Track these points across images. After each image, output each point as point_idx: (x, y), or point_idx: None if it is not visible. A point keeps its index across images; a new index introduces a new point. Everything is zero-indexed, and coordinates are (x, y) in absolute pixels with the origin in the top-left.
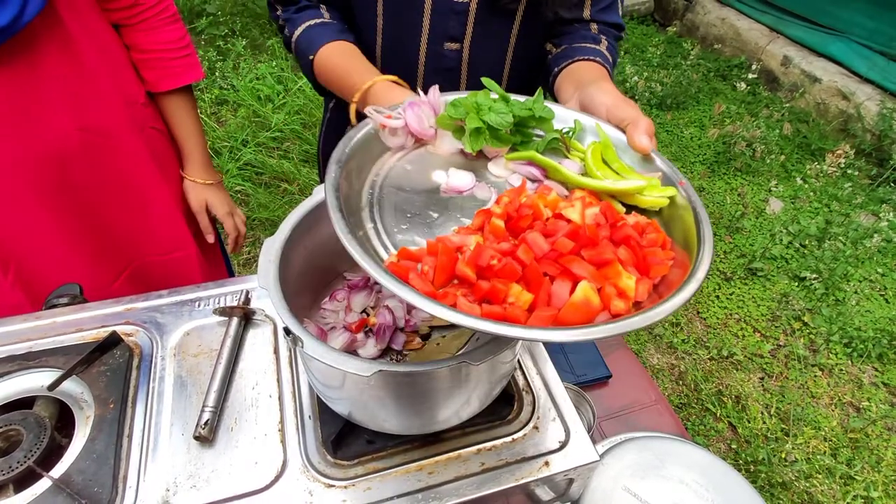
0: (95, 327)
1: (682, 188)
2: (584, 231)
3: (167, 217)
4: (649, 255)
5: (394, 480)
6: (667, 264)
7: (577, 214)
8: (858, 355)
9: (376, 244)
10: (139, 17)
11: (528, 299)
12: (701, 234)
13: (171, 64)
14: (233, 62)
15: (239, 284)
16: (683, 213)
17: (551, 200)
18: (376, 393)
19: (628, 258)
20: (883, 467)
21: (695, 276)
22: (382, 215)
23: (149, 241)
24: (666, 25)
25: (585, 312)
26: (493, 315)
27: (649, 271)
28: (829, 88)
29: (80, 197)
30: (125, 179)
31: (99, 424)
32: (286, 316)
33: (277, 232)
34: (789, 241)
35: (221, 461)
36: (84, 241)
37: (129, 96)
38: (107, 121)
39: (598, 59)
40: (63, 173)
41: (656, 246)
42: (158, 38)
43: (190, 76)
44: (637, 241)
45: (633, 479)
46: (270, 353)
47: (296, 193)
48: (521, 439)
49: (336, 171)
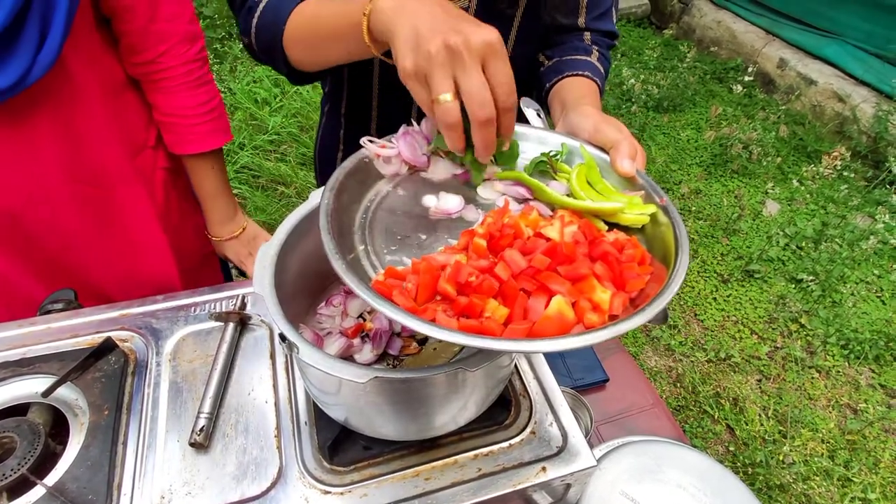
0: (90, 333)
1: (662, 205)
2: (562, 248)
3: (158, 263)
4: (626, 270)
5: (390, 487)
6: (643, 278)
7: (556, 232)
8: (855, 357)
9: (366, 265)
10: (159, 74)
11: (504, 313)
12: (678, 248)
13: (191, 130)
14: (230, 65)
15: (235, 289)
16: (665, 230)
17: (532, 220)
18: (372, 399)
19: (605, 273)
20: (880, 469)
21: (668, 288)
22: (373, 238)
23: (142, 286)
24: (662, 28)
25: (559, 325)
26: (470, 328)
27: (625, 285)
28: (825, 91)
29: (70, 242)
30: (120, 228)
31: (93, 431)
32: (281, 322)
33: (273, 237)
34: (786, 244)
35: (217, 468)
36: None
37: (138, 145)
38: (103, 172)
39: (588, 74)
40: (53, 217)
41: (634, 261)
42: (178, 102)
43: (211, 143)
44: (615, 256)
45: (631, 484)
46: (266, 359)
47: (293, 196)
48: (519, 444)
49: (329, 198)
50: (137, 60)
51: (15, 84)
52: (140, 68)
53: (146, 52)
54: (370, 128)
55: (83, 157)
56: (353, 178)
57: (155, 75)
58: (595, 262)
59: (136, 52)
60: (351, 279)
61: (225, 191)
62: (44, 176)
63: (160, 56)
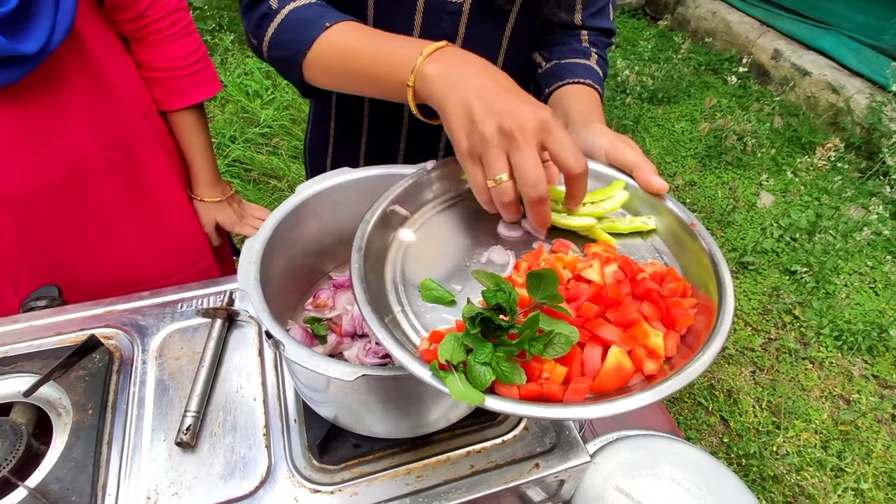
0: (74, 330)
1: (694, 229)
2: (607, 292)
3: (190, 230)
4: (672, 308)
5: (381, 485)
6: (691, 315)
7: (597, 274)
8: (848, 348)
9: (406, 328)
10: (145, 29)
11: (563, 372)
12: (721, 280)
13: (180, 82)
14: (220, 57)
15: (222, 285)
16: (699, 254)
17: (570, 261)
18: (361, 397)
19: (652, 314)
20: (873, 459)
21: (720, 328)
22: (409, 297)
23: (173, 258)
24: (657, 19)
25: (619, 377)
26: (531, 393)
27: (675, 324)
28: (819, 82)
29: (102, 217)
30: (150, 196)
31: (77, 431)
32: (267, 319)
33: (258, 232)
34: (780, 235)
35: (204, 467)
36: (104, 261)
37: (145, 106)
38: (127, 136)
39: (589, 82)
40: (85, 195)
41: (677, 296)
42: (166, 54)
43: (201, 93)
44: (658, 293)
45: (626, 479)
46: (255, 356)
47: (285, 190)
48: (511, 441)
49: (360, 261)
50: (125, 17)
51: (42, 49)
52: (128, 25)
53: (132, 7)
54: (361, 120)
55: (109, 123)
56: (377, 231)
57: (143, 30)
58: (641, 302)
59: (122, 10)
60: (402, 355)
61: (211, 148)
62: (79, 146)
63: (147, 9)
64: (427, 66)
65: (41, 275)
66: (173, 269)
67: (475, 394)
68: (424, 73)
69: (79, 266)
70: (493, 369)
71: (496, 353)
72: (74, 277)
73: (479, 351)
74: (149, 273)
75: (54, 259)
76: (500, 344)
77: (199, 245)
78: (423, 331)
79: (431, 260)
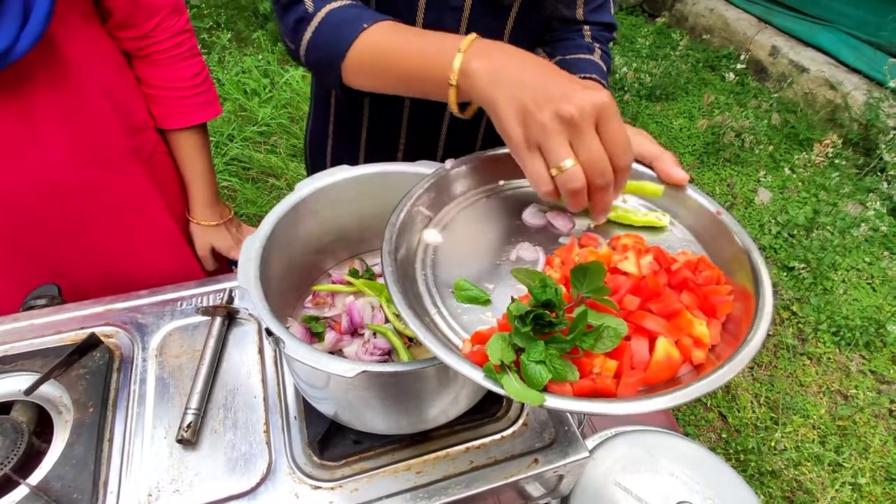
0: (74, 329)
1: (720, 217)
2: (647, 283)
3: (175, 250)
4: (711, 295)
5: (381, 481)
6: (730, 302)
7: (634, 266)
8: (846, 344)
9: (445, 330)
10: (149, 49)
11: (613, 366)
12: (755, 267)
13: (181, 102)
14: (218, 55)
15: (222, 283)
16: (727, 242)
17: (604, 254)
18: (361, 394)
19: (692, 302)
20: (870, 454)
21: (762, 312)
22: (443, 298)
23: (161, 277)
24: (655, 16)
25: (669, 368)
26: (584, 389)
27: (716, 312)
28: (817, 78)
29: (81, 233)
30: (128, 214)
31: (78, 429)
32: (267, 316)
33: (258, 229)
34: (778, 232)
35: (205, 464)
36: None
37: (134, 125)
38: (106, 153)
39: (595, 76)
40: (58, 209)
41: (713, 283)
42: (169, 74)
43: (201, 116)
44: (695, 282)
45: (624, 474)
46: (255, 353)
47: (284, 188)
48: (510, 436)
49: (392, 264)
50: (130, 35)
51: (4, 52)
52: (133, 43)
53: (138, 26)
54: (362, 116)
55: (86, 138)
56: (403, 234)
57: (147, 49)
58: (679, 292)
59: (127, 28)
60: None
61: (211, 170)
62: (49, 161)
63: (152, 30)
64: (470, 64)
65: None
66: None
67: (534, 393)
68: (468, 70)
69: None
70: (547, 367)
71: (548, 350)
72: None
73: (531, 350)
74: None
75: (43, 266)
76: (550, 341)
77: (186, 266)
78: (463, 332)
79: (460, 260)
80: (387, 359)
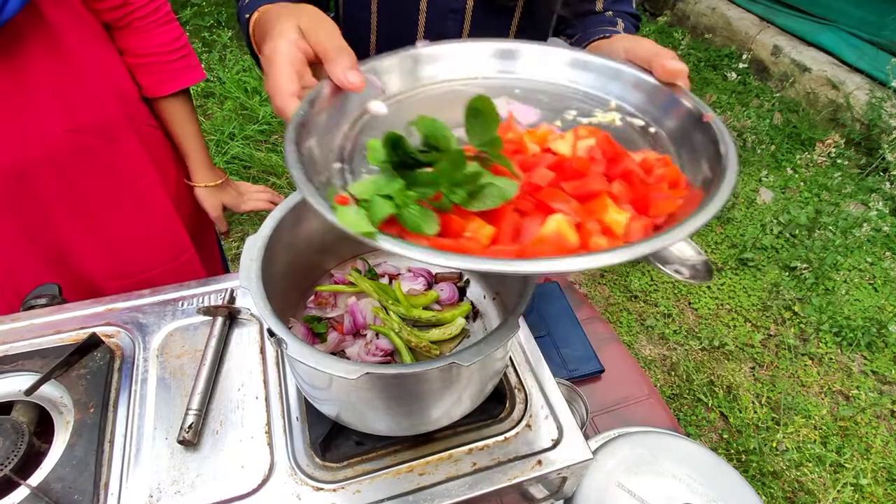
0: (75, 329)
1: (710, 122)
2: (571, 163)
3: (168, 223)
4: (652, 191)
5: (384, 482)
6: (674, 201)
7: (568, 147)
8: (848, 344)
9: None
10: (129, 17)
11: (489, 233)
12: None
13: (167, 67)
14: (219, 54)
15: (223, 283)
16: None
17: (540, 135)
18: (364, 395)
19: (624, 194)
20: (872, 454)
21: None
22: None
23: (152, 251)
24: (656, 15)
25: (557, 249)
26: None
27: (649, 209)
28: (819, 78)
29: (80, 204)
30: (124, 184)
31: (79, 429)
32: (269, 317)
33: (260, 229)
34: (780, 231)
35: (206, 465)
36: (80, 248)
37: (123, 94)
38: (101, 120)
39: (620, 32)
40: (56, 179)
41: (664, 182)
42: (152, 41)
43: (188, 78)
44: (640, 177)
45: (627, 475)
46: (256, 353)
47: (284, 187)
48: (514, 438)
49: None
50: (108, 6)
51: None
52: (112, 13)
53: None
54: None
55: (79, 104)
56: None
57: (127, 17)
58: (613, 181)
59: None
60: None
61: (202, 135)
62: (43, 124)
63: None
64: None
65: (22, 261)
66: (148, 266)
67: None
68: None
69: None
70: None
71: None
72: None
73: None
74: (123, 268)
75: (32, 244)
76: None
77: (177, 239)
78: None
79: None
80: (389, 360)
